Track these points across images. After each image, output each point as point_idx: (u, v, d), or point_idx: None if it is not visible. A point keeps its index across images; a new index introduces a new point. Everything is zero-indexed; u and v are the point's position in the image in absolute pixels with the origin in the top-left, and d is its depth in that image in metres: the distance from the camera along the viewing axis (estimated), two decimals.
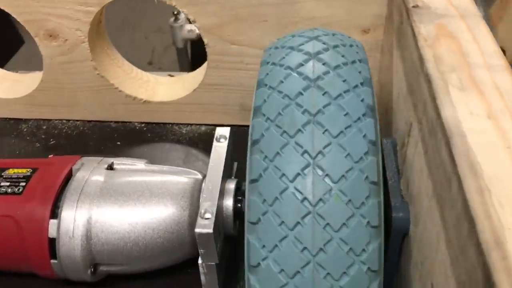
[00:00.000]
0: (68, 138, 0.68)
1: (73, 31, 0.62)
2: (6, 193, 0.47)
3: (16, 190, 0.47)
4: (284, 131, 0.34)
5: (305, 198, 0.33)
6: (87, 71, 0.65)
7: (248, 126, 0.40)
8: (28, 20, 0.61)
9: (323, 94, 0.35)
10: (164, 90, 0.69)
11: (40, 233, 0.45)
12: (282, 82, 0.37)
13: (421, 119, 0.38)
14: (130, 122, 0.70)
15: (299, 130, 0.34)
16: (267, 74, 0.38)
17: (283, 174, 0.33)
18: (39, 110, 0.70)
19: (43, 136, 0.69)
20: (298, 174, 0.33)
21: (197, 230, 0.42)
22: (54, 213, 0.45)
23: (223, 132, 0.51)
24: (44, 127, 0.70)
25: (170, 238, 0.46)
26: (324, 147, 0.33)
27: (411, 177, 0.40)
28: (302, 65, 0.37)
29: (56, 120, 0.71)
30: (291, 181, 0.33)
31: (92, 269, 0.46)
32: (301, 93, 0.35)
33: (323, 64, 0.37)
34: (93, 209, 0.45)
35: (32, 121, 0.71)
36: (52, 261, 0.45)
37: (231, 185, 0.48)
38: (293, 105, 0.35)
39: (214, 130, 0.67)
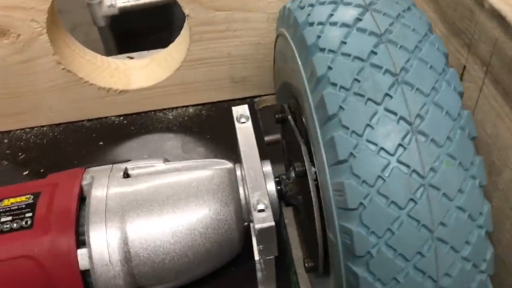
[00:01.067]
0: (39, 148, 0.59)
1: (27, 23, 0.52)
2: (12, 229, 0.39)
3: (24, 223, 0.39)
4: (369, 99, 0.30)
5: (413, 171, 0.29)
6: (49, 67, 0.56)
7: (242, 98, 0.36)
8: None
9: (399, 49, 0.31)
10: (139, 75, 0.61)
11: (68, 267, 0.38)
12: (344, 43, 0.32)
13: (486, 59, 0.35)
14: (106, 117, 0.62)
15: (387, 94, 0.30)
16: (319, 36, 0.33)
17: (381, 148, 0.29)
18: None
19: (8, 152, 0.59)
20: (399, 145, 0.29)
21: (257, 225, 0.37)
22: (80, 241, 0.38)
23: (241, 111, 0.45)
24: (6, 140, 0.60)
25: (219, 240, 0.40)
26: (421, 109, 0.29)
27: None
28: (360, 19, 0.32)
29: (17, 130, 0.61)
30: (392, 154, 0.29)
31: None
32: (373, 52, 0.31)
33: (383, 15, 0.33)
34: (126, 226, 0.39)
35: None
36: None
37: (268, 167, 0.43)
38: (369, 67, 0.30)
39: (204, 110, 0.63)
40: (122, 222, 0.39)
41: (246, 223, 0.42)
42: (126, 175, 0.42)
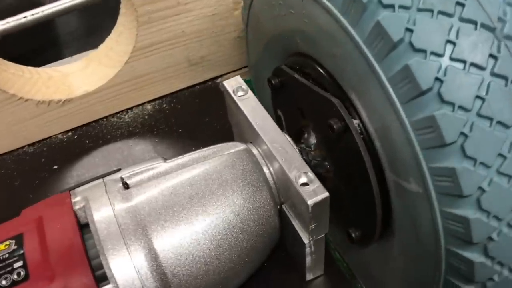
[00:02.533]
0: None
1: None
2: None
3: (16, 277, 0.29)
4: (439, 12, 0.25)
5: None
6: None
7: (202, 82, 0.29)
8: None
9: None
10: (80, 79, 0.52)
11: None
12: None
13: None
14: (50, 137, 0.52)
15: (457, 3, 0.25)
16: None
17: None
18: None
19: None
20: (490, 55, 0.25)
21: (310, 201, 0.32)
22: (98, 278, 0.30)
23: (235, 83, 0.39)
24: None
25: (262, 231, 0.34)
26: (499, 11, 0.25)
27: None
28: None
29: None
30: (484, 68, 0.25)
31: None
32: None
33: None
34: (152, 244, 0.31)
35: None
36: None
37: (288, 137, 0.37)
38: None
39: (164, 103, 0.55)
40: (146, 240, 0.31)
41: (279, 206, 0.36)
42: (126, 185, 0.34)
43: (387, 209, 0.34)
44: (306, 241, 0.35)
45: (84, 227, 0.32)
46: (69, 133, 0.52)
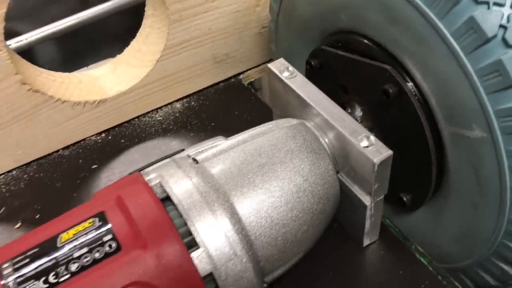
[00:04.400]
0: (18, 195, 0.48)
1: None
2: (96, 260, 0.30)
3: (108, 249, 0.30)
4: None
5: None
6: (12, 92, 0.45)
7: (225, 80, 0.30)
8: None
9: None
10: (112, 80, 0.53)
11: (186, 278, 0.30)
12: None
13: None
14: (84, 139, 0.53)
15: None
16: None
17: None
18: None
19: None
20: None
21: (376, 159, 0.34)
22: (188, 244, 0.31)
23: (279, 65, 0.41)
24: None
25: (328, 195, 0.36)
26: None
27: None
28: None
29: None
30: None
31: (264, 286, 0.33)
32: None
33: None
34: (236, 209, 0.32)
35: None
36: None
37: None
38: None
39: (192, 101, 0.56)
40: (229, 206, 0.32)
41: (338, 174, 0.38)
42: (195, 161, 0.35)
43: (441, 166, 0.37)
44: (367, 203, 0.37)
45: (163, 201, 0.33)
46: (103, 135, 0.53)
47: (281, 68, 0.41)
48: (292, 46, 0.48)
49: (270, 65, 0.42)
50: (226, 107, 0.55)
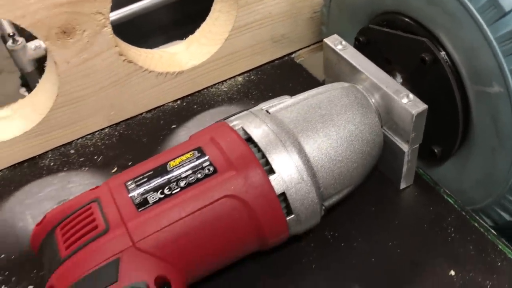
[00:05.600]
0: (112, 148, 0.58)
1: (92, 16, 0.52)
2: (199, 179, 0.39)
3: (207, 171, 0.40)
4: None
5: None
6: (111, 61, 0.56)
7: (280, 57, 0.36)
8: (34, 22, 0.49)
9: None
10: (188, 55, 0.63)
11: (266, 195, 0.39)
12: None
13: None
14: (163, 105, 0.63)
15: None
16: None
17: None
18: (56, 135, 0.58)
19: (82, 159, 0.57)
20: None
21: (414, 111, 0.43)
22: (267, 171, 0.40)
23: (333, 39, 0.50)
24: (72, 151, 0.58)
25: (374, 142, 0.44)
26: None
27: None
28: None
29: (78, 139, 0.60)
30: None
31: (323, 209, 0.43)
32: None
33: None
34: (302, 146, 0.41)
35: (50, 153, 0.59)
36: (288, 218, 0.40)
37: None
38: None
39: (252, 75, 0.66)
40: (298, 144, 0.41)
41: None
42: (268, 112, 0.45)
43: (466, 120, 0.45)
44: (405, 150, 0.45)
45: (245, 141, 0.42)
46: (178, 102, 0.63)
47: (335, 42, 0.50)
48: (341, 27, 0.57)
49: (326, 40, 0.51)
50: (281, 81, 0.64)
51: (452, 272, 0.42)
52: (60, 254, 0.38)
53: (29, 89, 1.45)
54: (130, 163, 0.56)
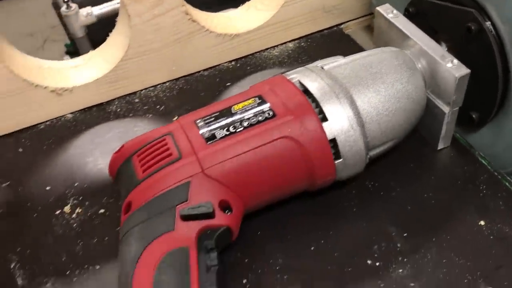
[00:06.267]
0: (172, 100, 0.64)
1: None
2: (260, 121, 0.45)
3: (267, 115, 0.45)
4: None
5: None
6: (178, 19, 0.61)
7: (330, 27, 0.39)
8: None
9: None
10: (244, 20, 0.68)
11: (318, 139, 0.44)
12: None
13: None
14: (219, 64, 0.68)
15: None
16: None
17: None
18: (123, 84, 0.64)
19: (146, 107, 0.63)
20: None
21: (457, 74, 0.47)
22: (321, 119, 0.45)
23: (385, 8, 0.54)
24: (137, 100, 0.64)
25: (418, 102, 0.49)
26: None
27: None
28: None
29: (141, 90, 0.66)
30: None
31: (368, 157, 0.47)
32: None
33: None
34: (353, 98, 0.46)
35: (116, 101, 0.65)
36: (336, 161, 0.45)
37: None
38: None
39: (302, 43, 0.70)
40: (350, 97, 0.46)
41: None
42: (322, 68, 0.49)
43: (505, 87, 0.49)
44: (446, 111, 0.49)
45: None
46: (233, 63, 0.68)
47: (387, 11, 0.54)
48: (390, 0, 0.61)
49: (378, 8, 0.55)
50: (329, 49, 0.69)
51: (482, 222, 0.47)
52: (137, 177, 0.44)
53: (75, 56, 1.53)
54: None
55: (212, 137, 0.44)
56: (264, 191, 0.45)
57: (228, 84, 0.65)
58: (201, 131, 0.45)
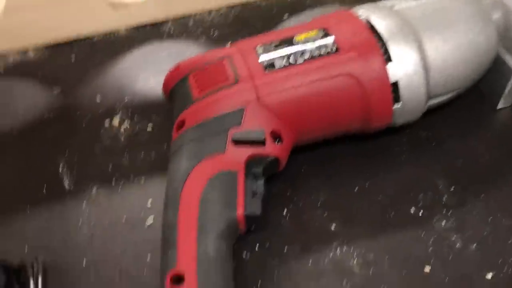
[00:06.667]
0: (227, 26, 0.63)
1: None
2: (321, 55, 0.43)
3: (330, 50, 0.44)
4: None
5: None
6: None
7: None
8: None
9: None
10: None
11: (380, 80, 0.43)
12: None
13: None
14: None
15: None
16: None
17: None
18: (178, 5, 0.63)
19: (200, 30, 0.62)
20: None
21: None
22: (385, 59, 0.43)
23: None
24: (191, 23, 0.63)
25: (491, 51, 0.46)
26: None
27: None
28: None
29: (196, 15, 0.64)
30: None
31: (427, 106, 0.46)
32: None
33: None
34: (421, 41, 0.44)
35: (170, 22, 0.64)
36: (394, 106, 0.44)
37: None
38: None
39: None
40: (418, 40, 0.44)
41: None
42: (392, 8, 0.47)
43: None
44: None
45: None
46: None
47: None
48: None
49: None
50: None
51: None
52: (193, 96, 0.44)
53: None
54: None
55: (270, 66, 0.43)
56: (317, 127, 0.44)
57: (286, 17, 0.63)
58: (260, 59, 0.44)
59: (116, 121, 0.53)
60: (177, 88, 0.46)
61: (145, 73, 0.58)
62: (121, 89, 0.56)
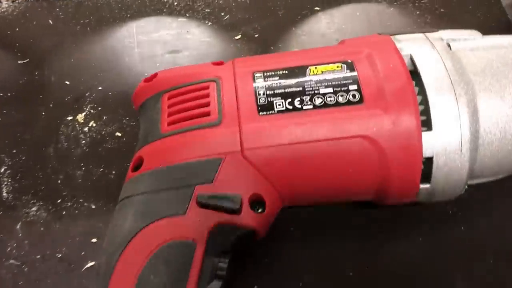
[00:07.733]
0: (242, 10, 0.51)
1: None
2: (338, 103, 0.32)
3: (351, 97, 0.32)
4: None
5: None
6: None
7: None
8: None
9: None
10: None
11: (410, 152, 0.32)
12: None
13: None
14: None
15: None
16: None
17: None
18: None
19: (207, 11, 0.51)
20: None
21: None
22: (422, 123, 0.32)
23: None
24: (201, 3, 0.52)
25: None
26: None
27: None
28: None
29: None
30: None
31: (466, 187, 0.35)
32: None
33: None
34: (478, 106, 0.32)
35: None
36: (422, 186, 0.33)
37: None
38: None
39: None
40: (474, 104, 0.32)
41: None
42: (449, 46, 0.35)
43: None
44: None
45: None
46: None
47: None
48: None
49: None
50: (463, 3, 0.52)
51: None
52: (161, 128, 0.33)
53: None
54: (256, 35, 0.49)
55: (268, 107, 0.32)
56: (314, 194, 0.34)
57: (317, 8, 0.51)
58: (256, 91, 0.33)
59: (81, 117, 0.43)
60: (147, 106, 0.36)
61: (130, 56, 0.47)
62: (96, 75, 0.46)
